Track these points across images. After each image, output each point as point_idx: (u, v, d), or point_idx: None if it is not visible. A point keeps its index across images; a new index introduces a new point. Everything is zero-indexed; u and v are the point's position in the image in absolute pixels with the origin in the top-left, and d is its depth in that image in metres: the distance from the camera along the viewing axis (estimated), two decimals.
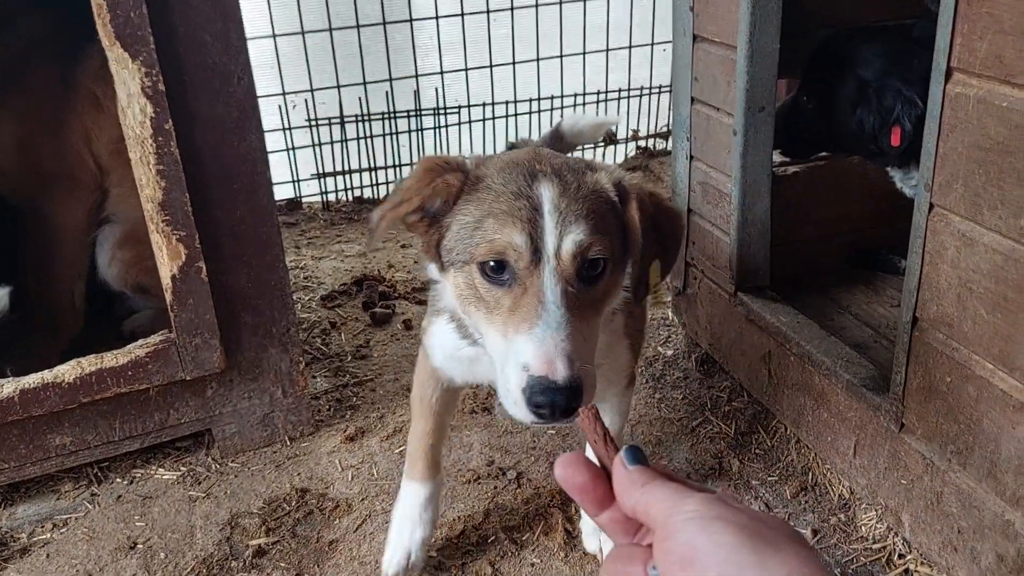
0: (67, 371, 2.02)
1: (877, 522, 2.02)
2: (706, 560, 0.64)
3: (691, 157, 2.52)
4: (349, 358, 2.83)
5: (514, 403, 1.27)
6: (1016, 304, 1.50)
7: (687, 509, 0.68)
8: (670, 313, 2.98)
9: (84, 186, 2.47)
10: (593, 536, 1.96)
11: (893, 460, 1.90)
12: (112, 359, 2.05)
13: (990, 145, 1.50)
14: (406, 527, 1.89)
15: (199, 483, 2.25)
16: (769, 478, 2.23)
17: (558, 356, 1.23)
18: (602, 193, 1.39)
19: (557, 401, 1.21)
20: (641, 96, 4.44)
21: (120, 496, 2.21)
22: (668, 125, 4.45)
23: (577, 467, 0.79)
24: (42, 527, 2.10)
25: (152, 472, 2.29)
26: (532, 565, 1.96)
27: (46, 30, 2.41)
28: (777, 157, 2.48)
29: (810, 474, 2.21)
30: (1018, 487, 1.57)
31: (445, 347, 1.66)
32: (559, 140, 2.58)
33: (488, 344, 1.37)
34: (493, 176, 1.38)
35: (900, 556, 1.94)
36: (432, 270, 1.51)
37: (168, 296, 2.06)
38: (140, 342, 2.10)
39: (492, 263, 1.32)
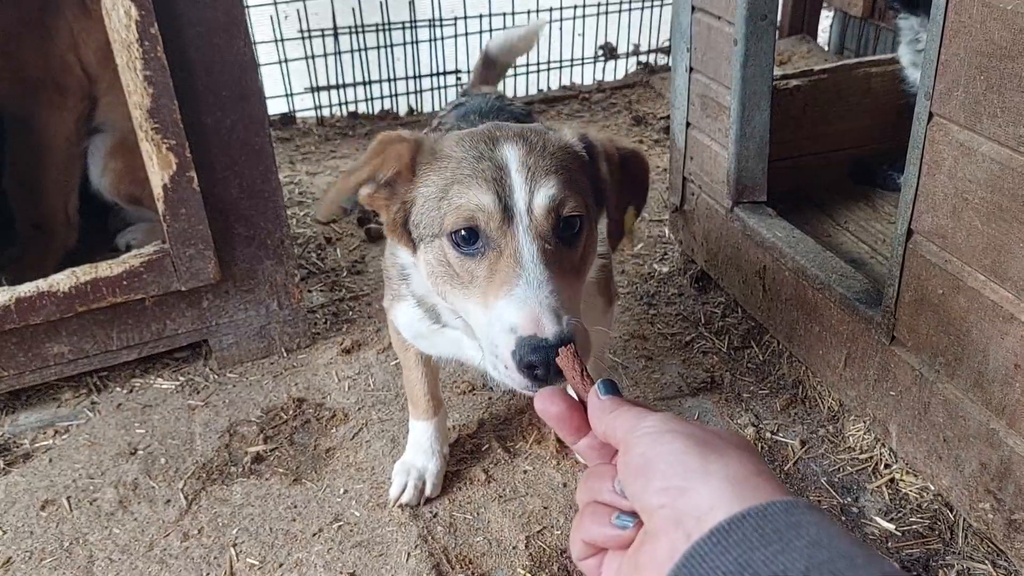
0: (62, 280, 2.02)
1: (865, 433, 2.05)
2: (657, 466, 0.69)
3: (691, 69, 2.46)
4: (345, 273, 2.84)
5: (505, 370, 1.16)
6: (1010, 214, 1.49)
7: (644, 425, 0.73)
8: (666, 230, 2.97)
9: (72, 94, 2.42)
10: None
11: (883, 372, 1.92)
12: (107, 268, 2.05)
13: (992, 50, 1.46)
14: (419, 459, 1.94)
15: (197, 392, 2.28)
16: (760, 391, 2.26)
17: (544, 313, 1.14)
18: (569, 148, 1.34)
19: (549, 358, 1.08)
20: (643, 9, 4.33)
21: (120, 404, 2.24)
22: (670, 40, 4.35)
23: (554, 399, 0.84)
24: (44, 433, 2.14)
25: (151, 382, 2.32)
26: (524, 472, 2.00)
27: None
28: (778, 70, 2.43)
29: (801, 387, 2.24)
30: (1004, 396, 1.59)
31: (413, 327, 1.62)
32: (492, 66, 2.50)
33: (472, 321, 1.28)
34: (452, 146, 1.31)
35: (886, 466, 1.98)
36: (405, 256, 1.45)
37: (160, 206, 2.04)
38: (134, 252, 2.10)
39: (463, 232, 1.24)
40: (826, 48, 4.38)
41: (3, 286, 2.01)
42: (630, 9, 4.28)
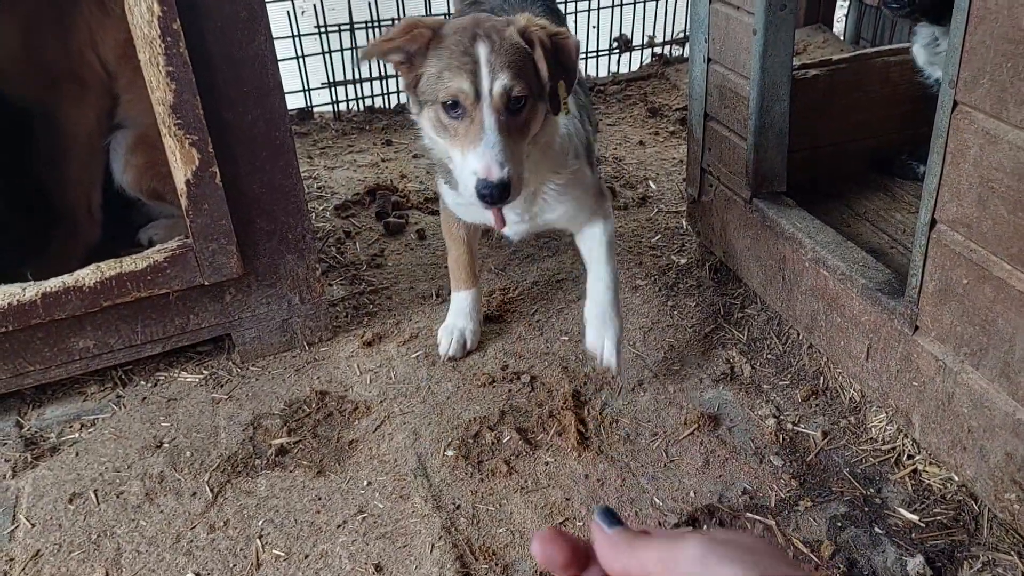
0: (87, 275, 2.04)
1: (887, 424, 2.05)
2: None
3: (709, 60, 2.46)
4: (364, 267, 2.85)
5: (469, 194, 1.81)
6: None
7: (687, 555, 0.64)
8: (684, 222, 2.96)
9: (93, 90, 2.44)
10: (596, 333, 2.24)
11: (906, 363, 1.91)
12: (131, 264, 2.07)
13: (1020, 37, 1.45)
14: (460, 320, 2.39)
15: (221, 386, 2.30)
16: (780, 382, 2.25)
17: (493, 164, 1.76)
18: (517, 45, 1.84)
19: (494, 192, 1.77)
20: (657, 0, 4.31)
21: (145, 398, 2.26)
22: (685, 31, 4.34)
23: (555, 543, 0.72)
24: (70, 427, 2.17)
25: (175, 375, 2.34)
26: (546, 464, 2.01)
27: None
28: (795, 60, 2.42)
29: (821, 378, 2.23)
30: None
31: (448, 197, 2.22)
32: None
33: (454, 162, 1.89)
34: (450, 37, 1.83)
35: (909, 457, 1.98)
36: (413, 111, 1.99)
37: (183, 201, 2.06)
38: (158, 247, 2.12)
39: (450, 102, 1.81)
40: (842, 38, 4.35)
41: (29, 281, 2.03)
42: (644, 1, 4.26)
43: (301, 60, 3.83)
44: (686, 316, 2.54)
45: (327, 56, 3.88)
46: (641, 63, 4.43)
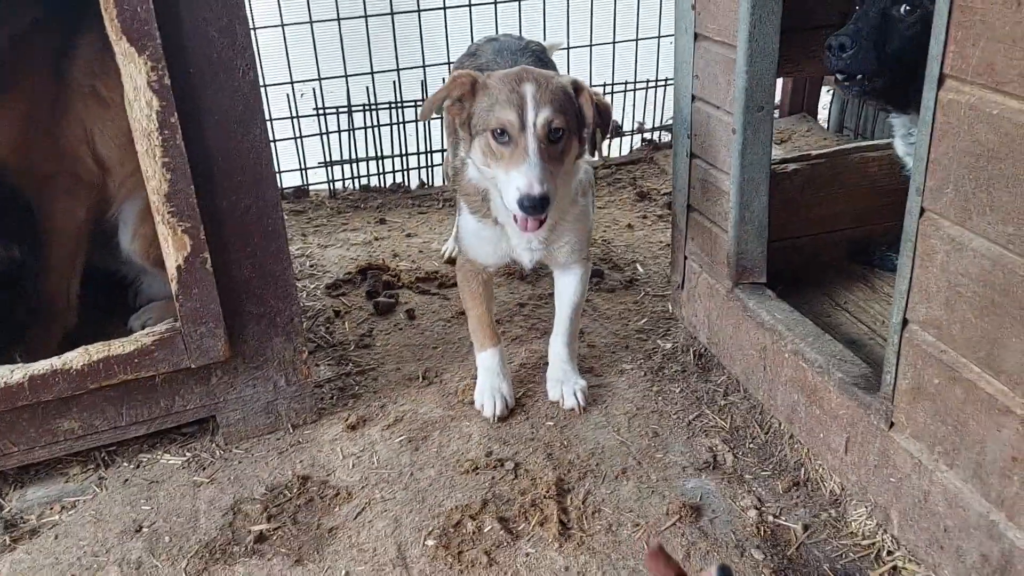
0: (75, 358, 2.06)
1: (867, 518, 2.05)
2: None
3: (691, 155, 2.54)
4: (352, 347, 2.88)
5: (512, 205, 2.11)
6: (1003, 309, 1.53)
7: None
8: (669, 306, 3.01)
9: (84, 185, 2.49)
10: (556, 388, 2.57)
11: (883, 458, 1.93)
12: (119, 347, 2.09)
13: (980, 151, 1.52)
14: (495, 381, 2.52)
15: (204, 468, 2.30)
16: (762, 472, 2.26)
17: (535, 181, 2.06)
18: (564, 89, 2.18)
19: (535, 203, 2.06)
20: (647, 89, 4.45)
21: (127, 480, 2.26)
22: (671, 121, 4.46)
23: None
24: (51, 509, 2.16)
25: (158, 457, 2.34)
26: (527, 555, 2.00)
27: (30, 25, 2.40)
28: (777, 153, 2.50)
29: (803, 469, 2.24)
30: (1003, 489, 1.60)
31: (471, 229, 2.45)
32: None
33: (498, 182, 2.18)
34: (496, 83, 2.17)
35: (889, 552, 1.98)
36: (462, 150, 2.33)
37: (174, 286, 2.10)
38: (147, 331, 2.15)
39: (498, 130, 2.12)
40: (826, 127, 4.48)
41: (18, 363, 2.05)
42: (635, 89, 4.40)
43: (299, 140, 3.93)
44: (670, 402, 2.56)
45: (324, 137, 3.98)
46: (631, 148, 4.54)
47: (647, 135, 4.56)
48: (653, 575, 0.78)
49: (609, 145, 4.50)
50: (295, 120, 3.90)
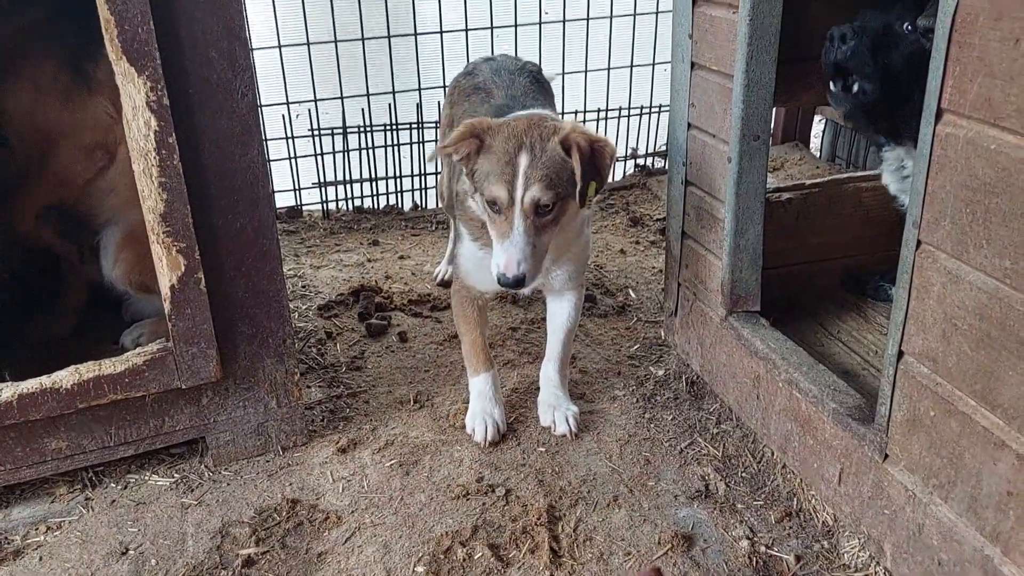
0: (65, 377, 2.04)
1: (860, 550, 2.04)
2: None
3: (686, 182, 2.55)
4: (344, 369, 2.86)
5: (495, 269, 2.16)
6: (999, 342, 1.53)
7: None
8: (662, 333, 3.01)
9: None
10: (548, 413, 2.57)
11: (877, 490, 1.93)
12: (110, 366, 2.07)
13: (977, 185, 1.53)
14: (487, 406, 2.51)
15: (192, 490, 2.27)
16: (755, 502, 2.25)
17: (512, 262, 2.12)
18: (556, 155, 2.14)
19: (510, 282, 2.13)
20: (641, 115, 4.48)
21: (114, 501, 2.23)
22: (667, 144, 4.49)
23: None
24: (36, 530, 2.13)
25: (146, 478, 2.31)
26: None
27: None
28: (770, 181, 2.51)
29: (795, 499, 2.24)
30: (998, 523, 1.60)
31: (470, 256, 2.46)
32: None
33: (492, 238, 2.22)
34: (499, 144, 2.16)
35: None
36: (470, 188, 2.30)
37: (167, 306, 2.09)
38: (138, 350, 2.13)
39: (491, 201, 2.15)
40: (818, 155, 4.51)
41: (6, 381, 2.03)
42: (628, 115, 4.43)
43: (293, 161, 3.93)
44: (663, 429, 2.56)
45: (319, 158, 3.98)
46: (624, 173, 4.56)
47: (640, 161, 4.58)
48: None
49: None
50: (290, 140, 3.90)
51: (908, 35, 2.11)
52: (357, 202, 4.17)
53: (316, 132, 3.93)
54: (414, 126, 4.08)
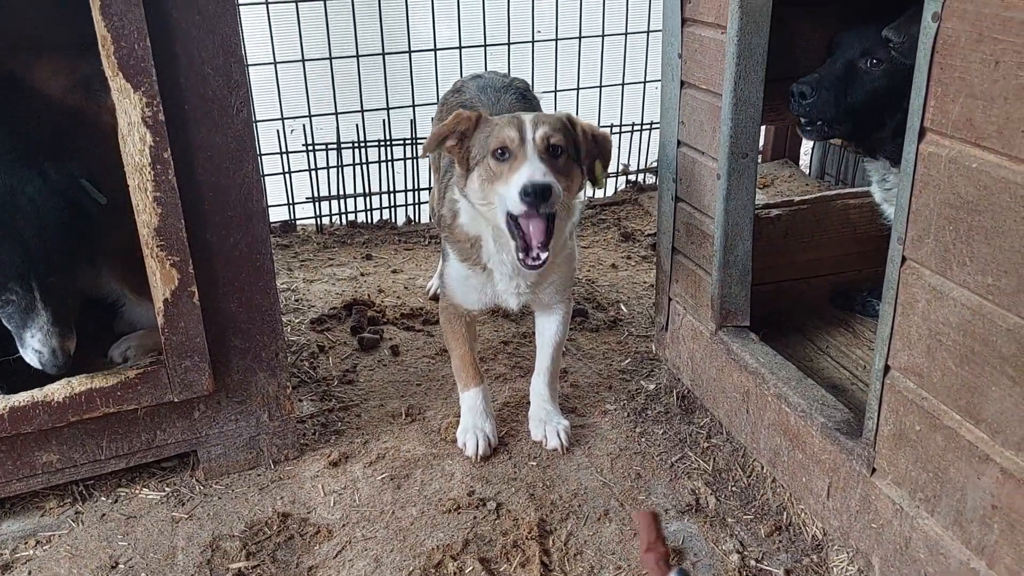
0: (57, 390, 2.05)
1: (848, 564, 2.05)
2: None
3: (676, 198, 2.58)
4: (336, 382, 2.87)
5: (513, 204, 2.09)
6: (982, 358, 1.55)
7: None
8: (653, 347, 3.03)
9: None
10: (539, 428, 2.56)
11: (864, 504, 1.94)
12: (102, 379, 2.08)
13: (960, 203, 1.56)
14: (478, 420, 2.51)
15: (183, 504, 2.28)
16: (744, 516, 2.27)
17: (536, 172, 2.07)
18: (560, 119, 2.23)
19: (538, 190, 2.04)
20: (632, 132, 4.52)
21: (104, 515, 2.23)
22: (657, 161, 4.53)
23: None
24: (25, 543, 2.12)
25: (137, 491, 2.31)
26: None
27: None
28: (759, 198, 2.54)
29: (785, 513, 2.25)
30: (983, 536, 1.62)
31: (457, 276, 2.45)
32: None
33: (497, 201, 2.17)
34: (496, 119, 2.24)
35: None
36: (456, 191, 2.34)
37: (160, 319, 2.10)
38: (131, 363, 2.13)
39: (499, 150, 2.15)
40: (807, 172, 4.56)
41: None
42: (620, 132, 4.47)
43: (288, 176, 3.95)
44: (653, 443, 2.57)
45: (313, 173, 4.00)
46: (616, 189, 4.60)
47: (632, 177, 4.62)
48: (639, 531, 0.93)
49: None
50: (284, 155, 3.92)
51: (871, 70, 2.19)
52: (351, 217, 4.19)
53: (310, 147, 3.95)
54: (408, 142, 4.11)
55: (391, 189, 4.19)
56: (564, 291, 2.54)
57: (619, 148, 4.56)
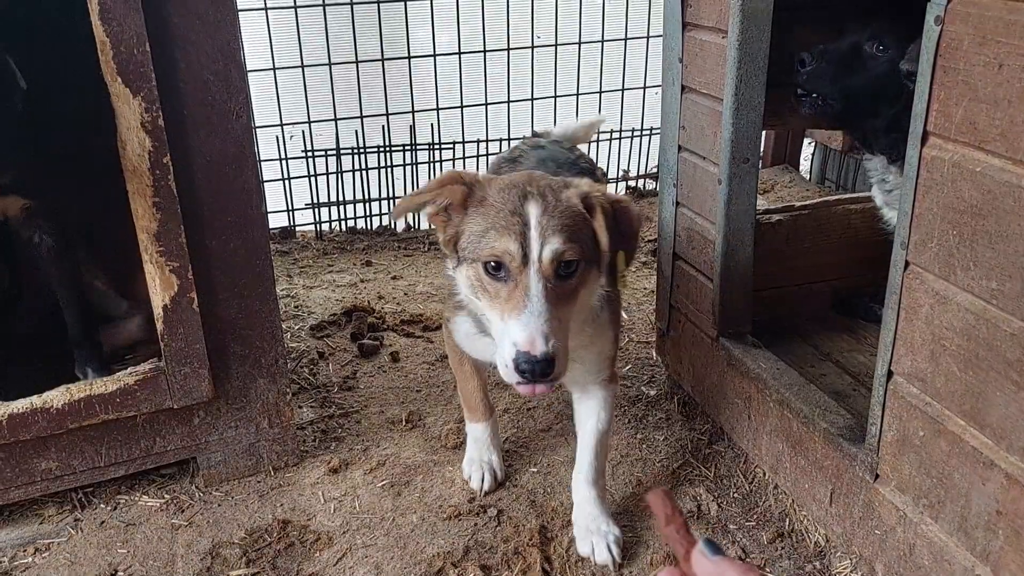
0: (56, 397, 2.04)
1: (852, 571, 2.04)
2: None
3: (677, 203, 2.57)
4: (336, 389, 2.86)
5: (506, 368, 1.64)
6: (987, 363, 1.55)
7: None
8: (654, 353, 3.02)
9: None
10: (586, 539, 2.12)
11: (868, 510, 1.93)
12: (101, 386, 2.07)
13: (964, 207, 1.55)
14: (484, 453, 2.36)
15: (182, 511, 2.26)
16: (747, 523, 2.25)
17: (538, 337, 1.59)
18: (574, 208, 1.71)
19: (535, 368, 1.59)
20: (632, 137, 4.51)
21: (103, 522, 2.22)
22: (657, 166, 4.53)
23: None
24: (24, 551, 2.11)
25: (136, 499, 2.30)
26: None
27: None
28: (760, 203, 2.54)
29: (787, 520, 2.24)
30: (988, 543, 1.61)
31: (464, 332, 2.03)
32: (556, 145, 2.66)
33: (491, 325, 1.74)
34: (495, 195, 1.71)
35: None
36: (448, 266, 1.84)
37: (160, 325, 2.09)
38: (130, 370, 2.12)
39: (493, 263, 1.67)
40: (808, 177, 4.56)
41: None
42: (620, 138, 4.46)
43: (287, 182, 3.94)
44: (655, 450, 2.56)
45: (312, 179, 4.00)
46: None
47: (632, 183, 4.61)
48: (654, 511, 0.93)
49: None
50: (284, 162, 3.92)
51: (877, 55, 2.20)
52: (350, 223, 4.18)
53: (310, 153, 3.95)
54: (407, 148, 4.10)
55: (391, 195, 4.18)
56: (603, 369, 2.09)
57: (619, 153, 4.56)
